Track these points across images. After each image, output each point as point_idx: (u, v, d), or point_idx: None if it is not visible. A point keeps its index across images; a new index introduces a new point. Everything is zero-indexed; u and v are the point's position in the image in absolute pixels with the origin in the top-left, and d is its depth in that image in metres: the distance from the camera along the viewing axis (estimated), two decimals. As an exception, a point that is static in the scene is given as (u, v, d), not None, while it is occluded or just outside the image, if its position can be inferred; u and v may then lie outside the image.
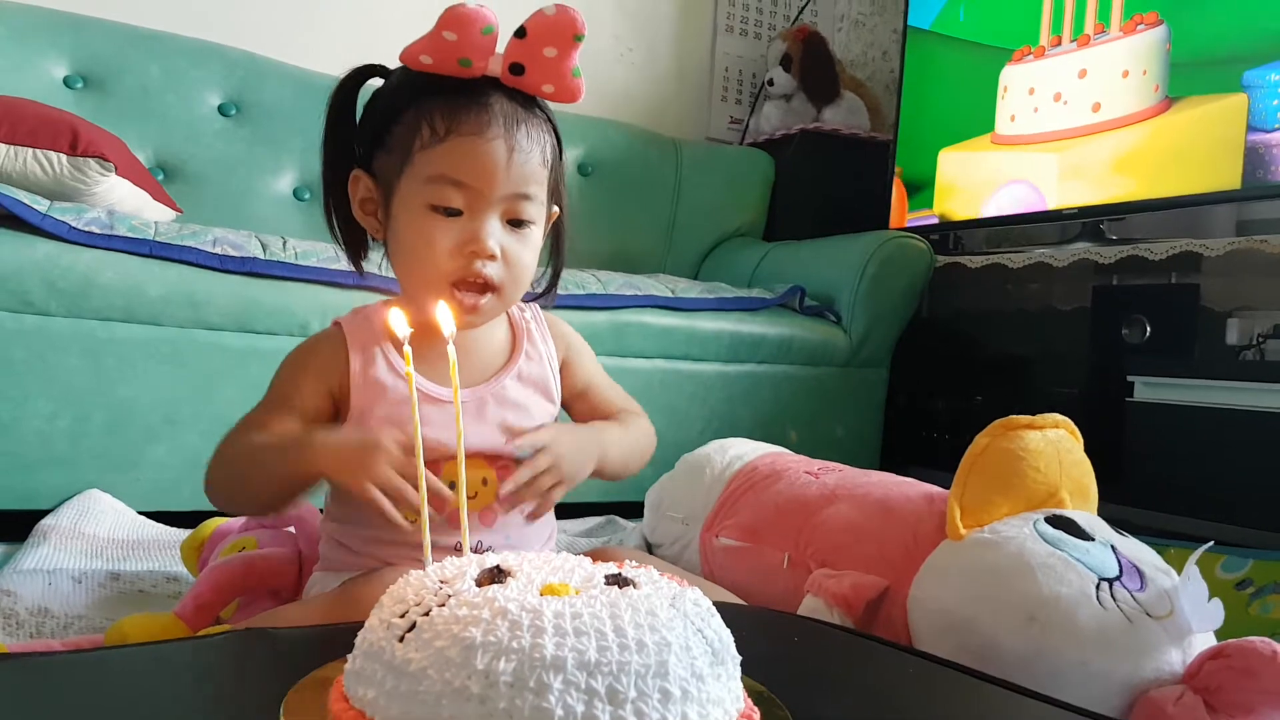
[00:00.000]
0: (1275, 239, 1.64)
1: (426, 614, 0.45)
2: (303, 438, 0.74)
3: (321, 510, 0.88)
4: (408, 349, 0.55)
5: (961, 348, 2.23)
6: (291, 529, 0.97)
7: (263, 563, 0.88)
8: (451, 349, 0.57)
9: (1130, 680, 0.73)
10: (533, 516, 0.79)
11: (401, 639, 0.45)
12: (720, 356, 1.86)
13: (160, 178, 1.84)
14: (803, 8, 2.90)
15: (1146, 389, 1.67)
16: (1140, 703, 0.72)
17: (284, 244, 1.52)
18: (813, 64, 2.57)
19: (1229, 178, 1.70)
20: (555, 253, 0.88)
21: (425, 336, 0.64)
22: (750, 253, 2.38)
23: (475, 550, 0.77)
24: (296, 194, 2.03)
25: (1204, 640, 0.76)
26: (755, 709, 0.49)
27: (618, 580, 0.50)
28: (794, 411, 1.92)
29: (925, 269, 2.06)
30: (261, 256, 1.45)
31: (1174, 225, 1.93)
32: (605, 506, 1.66)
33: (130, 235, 1.36)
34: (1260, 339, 1.65)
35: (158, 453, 1.38)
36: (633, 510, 1.56)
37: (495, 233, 0.77)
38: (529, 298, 0.90)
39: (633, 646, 0.44)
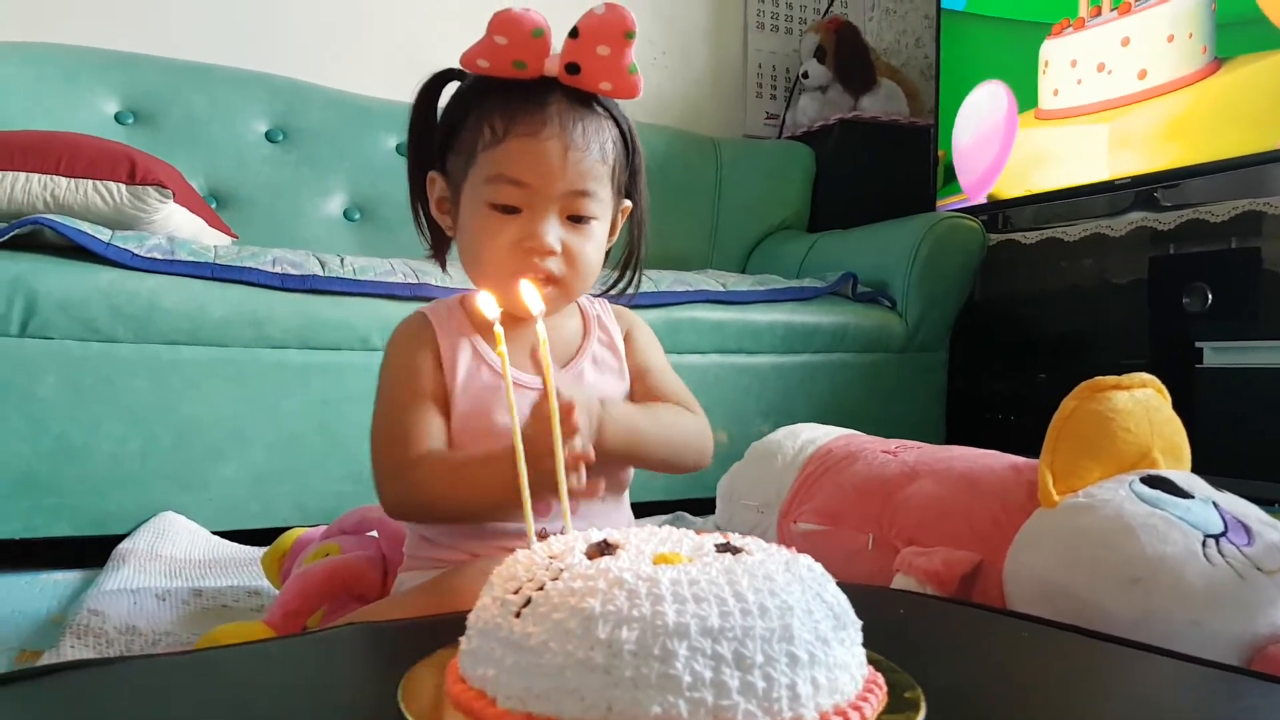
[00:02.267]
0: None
1: (540, 588, 0.45)
2: (491, 455, 0.74)
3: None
4: (498, 329, 0.55)
5: (1020, 326, 2.19)
6: (374, 533, 0.97)
7: (347, 568, 0.88)
8: (541, 327, 0.57)
9: (1244, 637, 0.70)
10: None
11: (518, 614, 0.44)
12: (775, 348, 1.84)
13: (213, 205, 1.87)
14: (832, 0, 2.88)
15: (1216, 354, 1.63)
16: (1259, 659, 0.69)
17: (341, 261, 1.54)
18: (847, 54, 2.55)
19: (1289, 134, 1.65)
20: (630, 245, 0.90)
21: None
22: (797, 245, 2.36)
23: (540, 537, 0.74)
24: (346, 215, 2.05)
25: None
26: (879, 675, 0.48)
27: (728, 548, 0.49)
28: (852, 400, 1.89)
29: (979, 248, 2.03)
30: (320, 273, 1.46)
31: (1232, 188, 1.87)
32: (673, 504, 1.65)
33: (191, 259, 1.38)
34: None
35: (226, 471, 1.40)
36: (701, 507, 1.54)
37: (553, 230, 0.78)
38: (611, 298, 0.91)
39: (755, 611, 0.43)
